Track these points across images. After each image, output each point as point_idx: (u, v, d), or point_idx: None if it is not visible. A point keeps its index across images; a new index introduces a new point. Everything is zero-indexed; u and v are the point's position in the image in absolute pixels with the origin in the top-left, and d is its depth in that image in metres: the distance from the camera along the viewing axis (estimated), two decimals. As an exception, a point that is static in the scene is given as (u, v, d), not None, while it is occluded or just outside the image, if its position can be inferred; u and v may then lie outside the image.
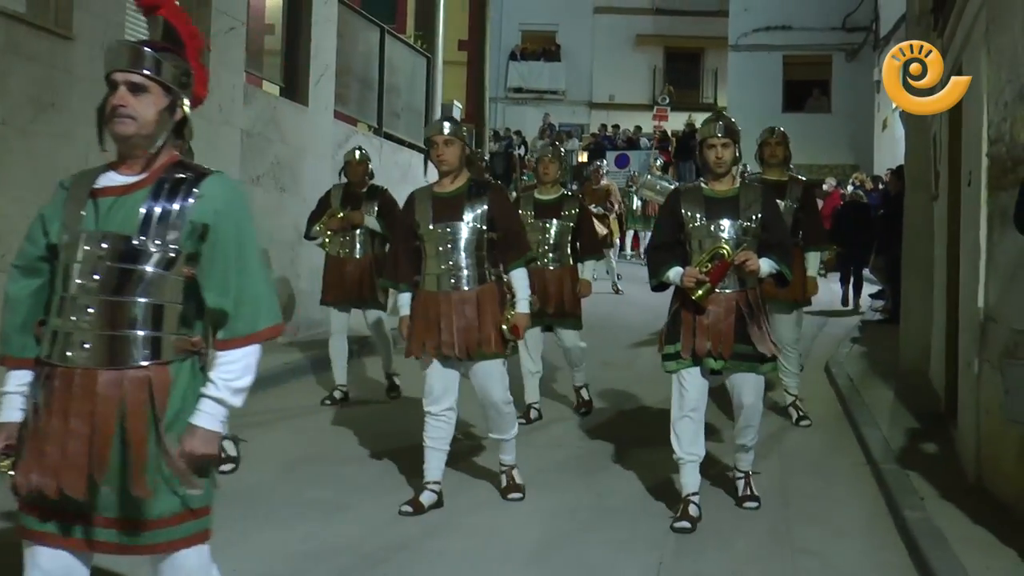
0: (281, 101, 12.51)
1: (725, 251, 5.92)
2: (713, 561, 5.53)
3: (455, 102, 20.43)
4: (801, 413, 8.65)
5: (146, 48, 3.38)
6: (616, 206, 17.95)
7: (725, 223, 6.11)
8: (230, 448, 5.53)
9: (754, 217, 6.12)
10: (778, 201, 7.33)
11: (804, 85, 32.39)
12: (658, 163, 22.07)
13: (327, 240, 9.35)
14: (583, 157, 27.93)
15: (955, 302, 8.06)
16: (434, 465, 6.31)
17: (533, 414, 8.65)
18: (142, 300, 3.27)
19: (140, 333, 3.26)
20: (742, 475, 6.52)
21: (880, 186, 20.33)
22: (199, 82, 3.56)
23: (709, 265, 5.95)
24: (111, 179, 3.40)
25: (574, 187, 18.51)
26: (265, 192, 11.63)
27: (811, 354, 11.18)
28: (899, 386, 9.85)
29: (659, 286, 6.26)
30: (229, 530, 5.82)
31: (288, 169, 12.12)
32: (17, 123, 7.92)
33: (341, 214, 9.24)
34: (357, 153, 9.59)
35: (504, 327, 6.24)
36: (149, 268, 3.27)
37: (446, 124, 6.33)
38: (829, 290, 17.20)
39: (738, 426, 6.36)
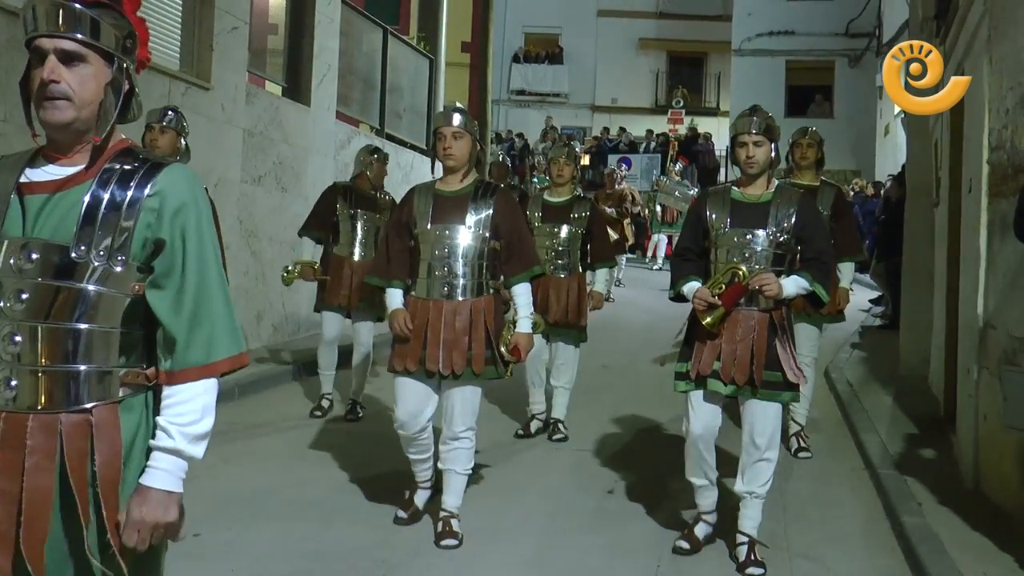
0: (283, 101, 12.51)
1: (740, 272, 5.33)
2: (711, 566, 5.53)
3: (457, 104, 20.39)
4: (802, 444, 7.84)
5: (77, 4, 2.56)
6: (636, 210, 17.52)
7: (755, 232, 5.45)
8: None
9: (786, 226, 5.43)
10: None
11: (807, 90, 32.43)
12: (677, 167, 21.80)
13: (290, 279, 8.75)
14: (585, 161, 27.93)
15: (955, 308, 8.06)
16: (423, 467, 6.03)
17: (536, 425, 8.24)
18: (82, 326, 2.56)
19: (81, 367, 2.56)
20: (746, 540, 5.51)
21: (881, 191, 20.31)
22: (142, 43, 2.76)
23: (724, 286, 5.37)
24: (44, 172, 2.66)
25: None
26: (267, 192, 11.64)
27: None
28: (898, 392, 9.86)
29: (677, 298, 5.69)
30: (228, 530, 5.84)
31: (290, 169, 12.13)
32: (19, 121, 7.89)
33: (316, 264, 8.68)
34: (378, 153, 9.01)
35: (504, 348, 5.72)
36: (91, 286, 2.56)
37: (456, 116, 5.75)
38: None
39: (746, 465, 5.49)
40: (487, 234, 5.74)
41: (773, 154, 5.55)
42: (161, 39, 10.06)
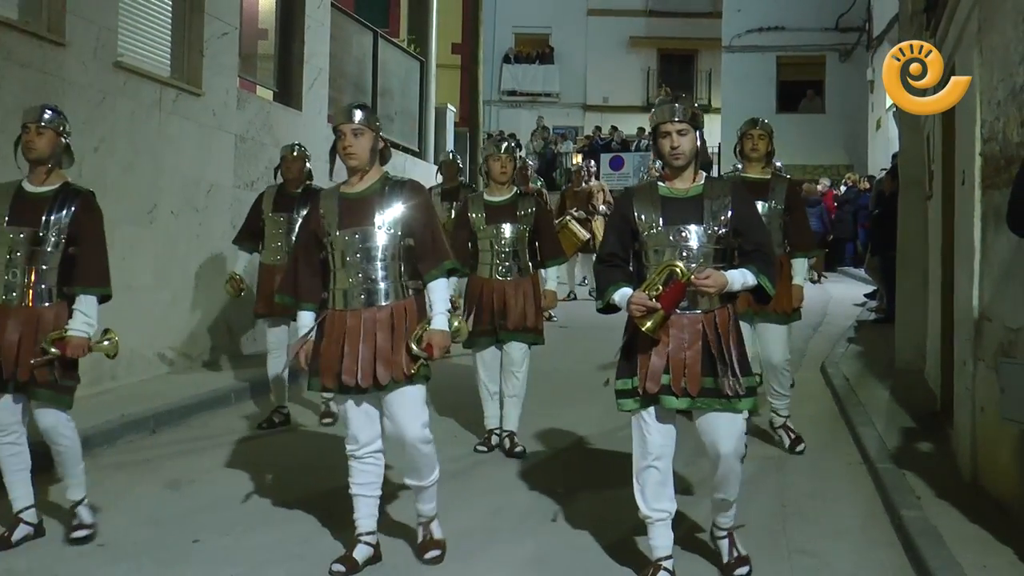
0: (274, 106, 12.51)
1: (678, 269, 4.91)
2: (708, 560, 5.52)
3: (449, 105, 20.43)
4: (794, 435, 7.76)
5: None
6: (602, 208, 17.13)
7: (690, 229, 5.04)
8: (85, 515, 5.55)
9: (722, 219, 5.05)
10: (759, 202, 6.96)
11: (798, 86, 32.44)
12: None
13: (228, 292, 8.77)
14: (577, 159, 27.94)
15: (950, 301, 8.06)
16: (365, 513, 5.42)
17: (495, 440, 7.79)
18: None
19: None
20: (724, 534, 5.39)
21: (873, 185, 20.34)
22: None
23: (660, 288, 4.92)
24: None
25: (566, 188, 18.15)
26: (259, 197, 11.61)
27: (807, 354, 11.18)
28: (895, 385, 9.86)
29: (607, 308, 5.21)
30: (225, 534, 5.84)
31: (282, 174, 12.11)
32: (10, 130, 7.87)
33: (236, 275, 8.66)
34: (295, 149, 8.68)
35: (413, 343, 5.24)
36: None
37: (356, 112, 5.36)
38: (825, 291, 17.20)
39: (715, 479, 5.21)
40: (399, 232, 5.35)
41: (699, 144, 5.14)
42: (151, 45, 10.06)
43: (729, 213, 5.07)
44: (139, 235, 9.53)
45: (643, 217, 5.12)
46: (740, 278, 5.03)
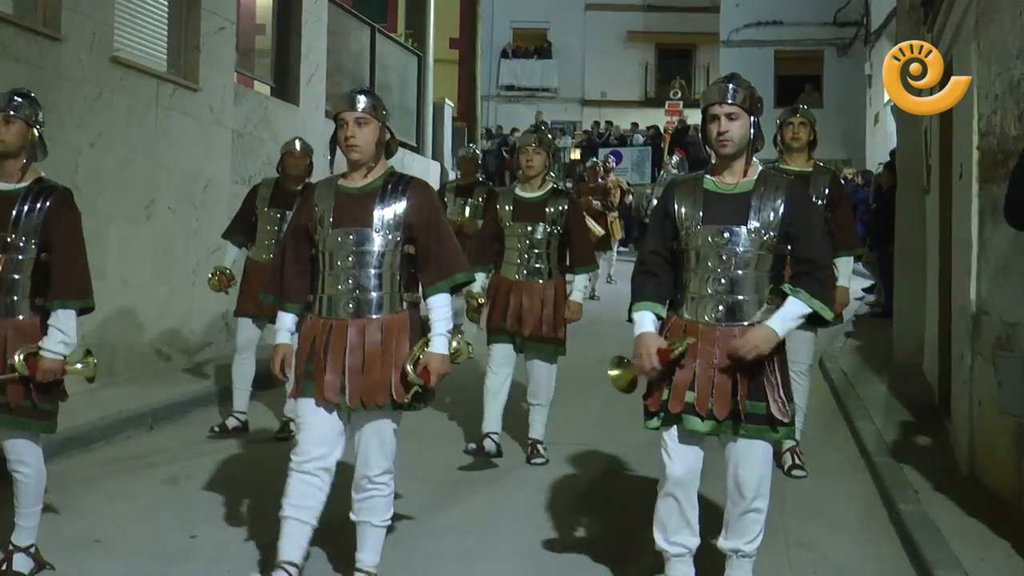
0: (272, 101, 12.49)
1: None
2: (707, 555, 5.52)
3: (447, 100, 20.42)
4: (797, 461, 6.99)
5: None
6: (628, 200, 16.67)
7: (733, 230, 4.51)
8: (23, 565, 4.98)
9: (771, 220, 4.49)
10: None
11: (796, 80, 32.36)
12: (674, 160, 21.53)
13: (213, 286, 8.35)
14: (575, 155, 27.91)
15: (947, 295, 8.06)
16: (292, 541, 4.76)
17: (488, 445, 7.21)
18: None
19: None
20: None
21: (871, 180, 20.33)
22: None
23: (680, 349, 4.51)
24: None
25: (568, 184, 17.94)
26: (257, 192, 11.60)
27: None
28: (892, 379, 9.86)
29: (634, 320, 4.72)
30: (226, 531, 5.83)
31: (280, 169, 12.11)
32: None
33: (227, 270, 8.26)
34: (298, 143, 8.29)
35: (409, 367, 4.67)
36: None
37: (361, 98, 4.80)
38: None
39: (731, 517, 4.64)
40: (399, 237, 4.77)
41: (753, 132, 4.56)
42: (147, 40, 10.04)
43: (781, 212, 4.50)
44: (136, 231, 9.52)
45: (684, 212, 4.61)
46: (791, 316, 4.47)
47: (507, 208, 7.29)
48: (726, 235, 4.52)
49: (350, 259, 4.76)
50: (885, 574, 5.38)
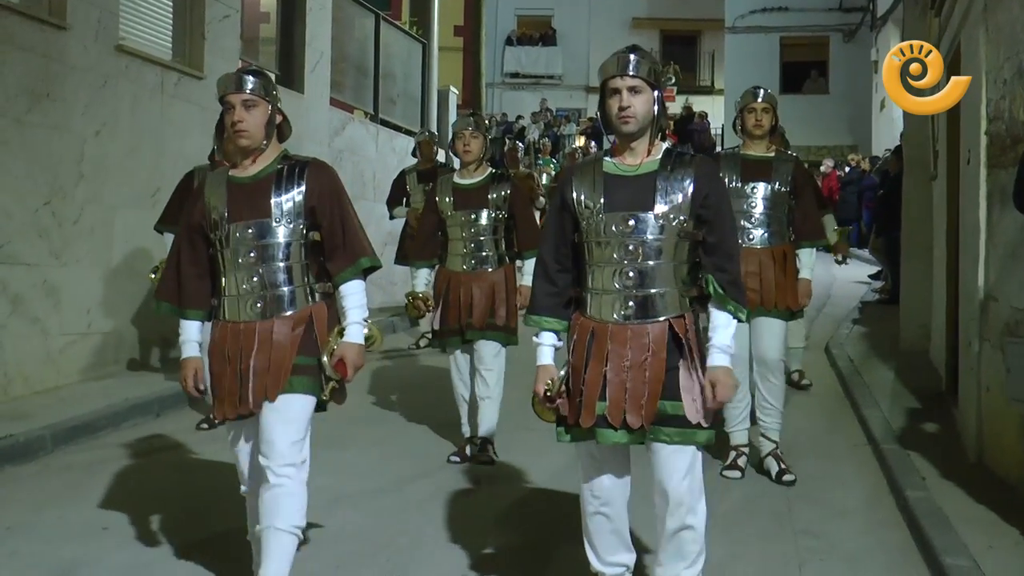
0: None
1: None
2: (714, 543, 5.48)
3: (452, 88, 20.39)
4: (783, 466, 6.54)
5: None
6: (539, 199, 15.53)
7: (639, 216, 4.00)
8: None
9: (680, 203, 4.00)
10: (761, 183, 6.54)
11: (802, 66, 32.37)
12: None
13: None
14: (580, 141, 27.89)
15: (955, 281, 8.05)
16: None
17: (471, 450, 6.92)
18: None
19: None
20: None
21: (877, 166, 20.30)
22: None
23: (556, 388, 4.09)
24: None
25: (551, 172, 17.27)
26: (262, 180, 11.62)
27: (811, 335, 11.15)
28: (900, 366, 9.85)
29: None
30: (231, 520, 5.83)
31: (285, 157, 12.10)
32: (12, 114, 7.90)
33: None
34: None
35: (324, 358, 4.31)
36: None
37: (248, 79, 4.40)
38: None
39: (664, 535, 4.08)
40: (302, 225, 4.36)
41: (657, 108, 4.07)
42: (152, 28, 10.03)
43: (690, 194, 4.00)
44: (142, 218, 9.50)
45: (583, 199, 4.09)
46: (726, 338, 4.02)
47: (447, 199, 6.90)
48: (631, 222, 4.00)
49: (252, 254, 4.32)
50: (893, 561, 5.36)
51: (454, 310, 6.83)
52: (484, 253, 6.89)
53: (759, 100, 6.68)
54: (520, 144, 14.74)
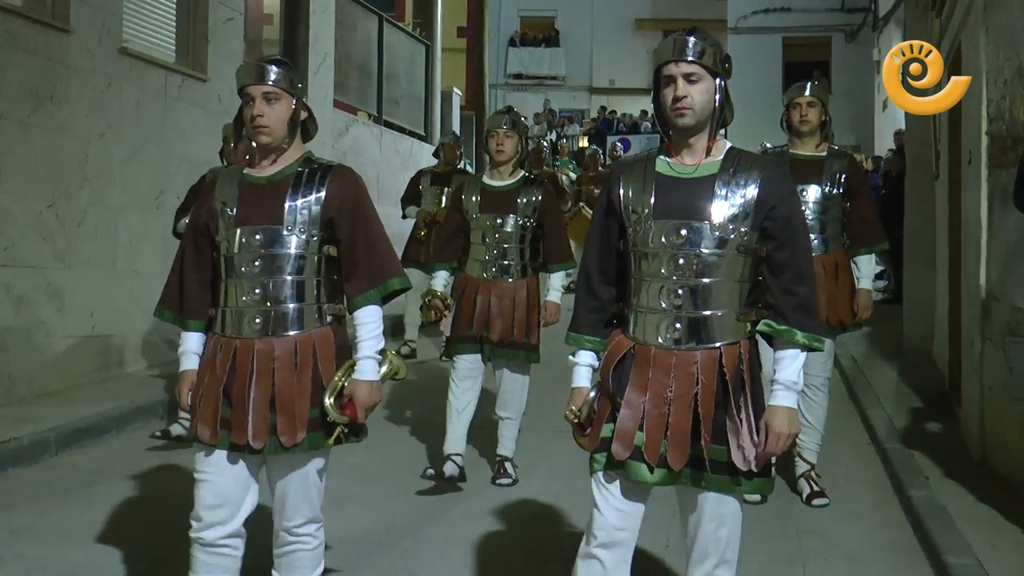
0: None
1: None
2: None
3: (455, 89, 20.41)
4: (815, 488, 6.20)
5: None
6: None
7: (693, 226, 3.44)
8: None
9: (742, 212, 3.43)
10: (813, 186, 6.06)
11: (804, 67, 32.19)
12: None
13: None
14: (583, 142, 27.88)
15: (957, 281, 8.05)
16: None
17: (450, 468, 6.45)
18: None
19: None
20: None
21: (880, 166, 20.29)
22: None
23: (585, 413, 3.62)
24: None
25: (569, 174, 17.58)
26: (266, 182, 11.64)
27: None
28: (903, 366, 9.86)
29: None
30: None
31: (288, 159, 12.12)
32: (16, 116, 7.92)
33: None
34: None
35: (328, 401, 3.82)
36: None
37: (271, 69, 3.94)
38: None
39: None
40: (317, 236, 3.92)
41: (718, 98, 3.48)
42: (156, 31, 10.05)
43: (754, 203, 3.43)
44: (146, 222, 9.53)
45: (631, 202, 3.54)
46: (794, 373, 3.46)
47: (474, 199, 6.47)
48: (684, 232, 3.45)
49: (257, 263, 3.88)
50: (896, 560, 5.38)
51: (467, 317, 6.42)
52: (507, 262, 6.44)
53: (806, 94, 6.20)
54: (546, 144, 14.41)
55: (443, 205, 10.07)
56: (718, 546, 3.53)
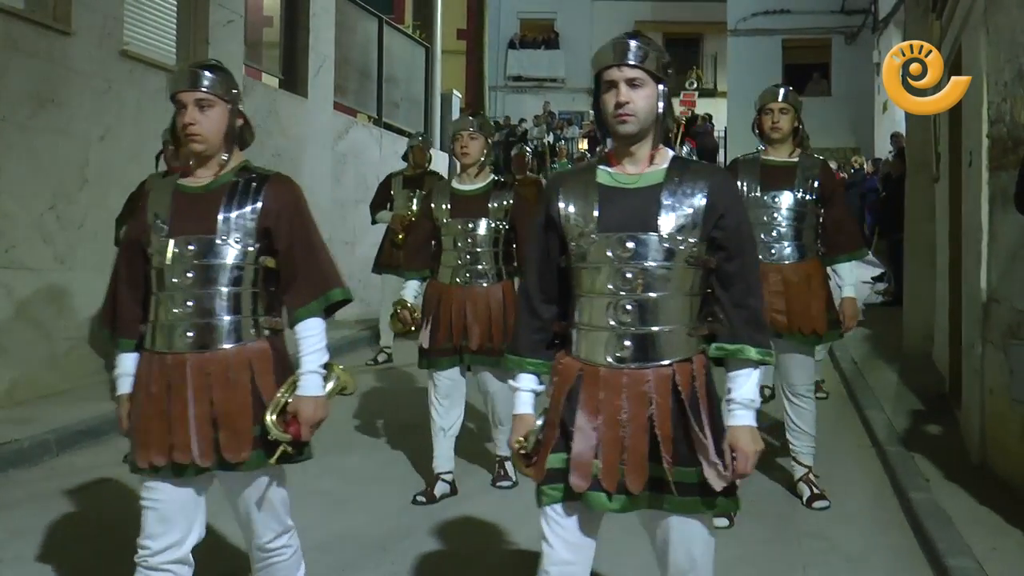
0: (280, 93, 12.51)
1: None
2: (720, 545, 5.50)
3: (455, 91, 20.42)
4: (815, 490, 6.17)
5: None
6: None
7: (639, 238, 3.27)
8: None
9: (689, 222, 3.26)
10: (785, 192, 5.99)
11: (804, 69, 32.34)
12: (684, 150, 21.47)
13: None
14: (583, 145, 27.87)
15: (958, 283, 8.05)
16: None
17: (441, 488, 6.32)
18: None
19: None
20: None
21: (879, 168, 20.30)
22: None
23: (532, 442, 3.37)
24: None
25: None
26: (266, 184, 11.64)
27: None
28: (903, 368, 9.86)
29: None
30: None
31: (288, 161, 12.11)
32: (17, 119, 7.93)
33: None
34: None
35: (270, 418, 3.62)
36: None
37: (204, 75, 3.82)
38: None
39: None
40: (253, 247, 3.74)
41: (661, 104, 3.32)
42: (156, 33, 10.06)
43: (703, 212, 3.27)
44: (146, 223, 9.54)
45: (571, 216, 3.36)
46: (750, 394, 3.31)
47: (444, 205, 6.30)
48: (631, 245, 3.26)
49: (189, 275, 3.69)
50: (896, 563, 5.37)
51: (445, 328, 6.22)
52: (480, 267, 6.25)
53: (778, 100, 6.10)
54: (528, 149, 14.24)
55: (413, 209, 9.71)
56: (694, 568, 3.36)
